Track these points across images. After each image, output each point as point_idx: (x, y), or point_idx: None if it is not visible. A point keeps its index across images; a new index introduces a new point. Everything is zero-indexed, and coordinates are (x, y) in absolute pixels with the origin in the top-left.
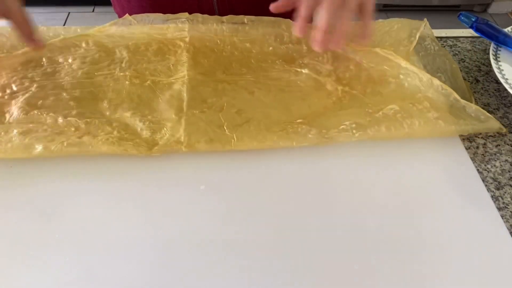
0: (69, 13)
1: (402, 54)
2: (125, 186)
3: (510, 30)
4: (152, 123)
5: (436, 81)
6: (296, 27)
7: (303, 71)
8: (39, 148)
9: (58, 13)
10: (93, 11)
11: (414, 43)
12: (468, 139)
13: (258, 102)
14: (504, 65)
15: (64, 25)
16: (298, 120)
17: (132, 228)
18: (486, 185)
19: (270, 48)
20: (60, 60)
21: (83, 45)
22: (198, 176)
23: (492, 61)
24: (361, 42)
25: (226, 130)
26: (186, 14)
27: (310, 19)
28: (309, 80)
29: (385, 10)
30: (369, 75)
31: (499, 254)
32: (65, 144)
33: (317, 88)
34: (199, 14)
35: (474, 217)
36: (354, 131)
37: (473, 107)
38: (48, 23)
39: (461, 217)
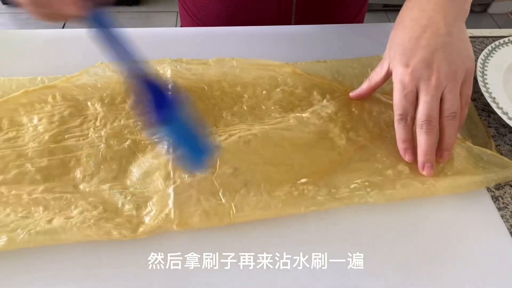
0: None
1: None
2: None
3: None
4: (135, 196)
5: None
6: (406, 153)
7: (303, 115)
8: (2, 240)
9: None
10: None
11: None
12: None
13: (256, 156)
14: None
15: (64, 25)
16: (302, 180)
17: None
18: None
19: (264, 91)
20: (24, 121)
21: (50, 99)
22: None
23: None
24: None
25: (223, 199)
26: (168, 59)
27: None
28: (310, 126)
29: (384, 10)
30: (374, 119)
31: (499, 254)
32: (32, 233)
33: (319, 138)
34: (183, 58)
35: (474, 217)
36: (368, 189)
37: (488, 153)
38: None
39: (461, 217)
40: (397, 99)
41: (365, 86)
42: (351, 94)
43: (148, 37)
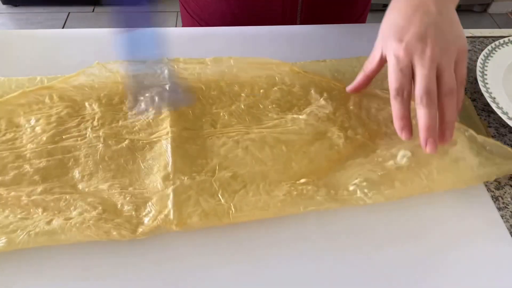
0: (69, 13)
1: None
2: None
3: None
4: (134, 196)
5: None
6: (403, 131)
7: (300, 116)
8: (1, 241)
9: (58, 13)
10: (93, 11)
11: None
12: None
13: (254, 159)
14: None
15: (64, 25)
16: (302, 180)
17: None
18: (486, 185)
19: (261, 90)
20: (21, 122)
21: (47, 100)
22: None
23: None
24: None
25: (222, 200)
26: (165, 59)
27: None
28: (308, 127)
29: (384, 10)
30: (373, 116)
31: (499, 254)
32: (32, 234)
33: (317, 137)
34: (180, 58)
35: (474, 217)
36: (365, 190)
37: (490, 142)
38: (48, 23)
39: (461, 217)
40: (392, 74)
41: (360, 77)
42: (348, 88)
43: None
